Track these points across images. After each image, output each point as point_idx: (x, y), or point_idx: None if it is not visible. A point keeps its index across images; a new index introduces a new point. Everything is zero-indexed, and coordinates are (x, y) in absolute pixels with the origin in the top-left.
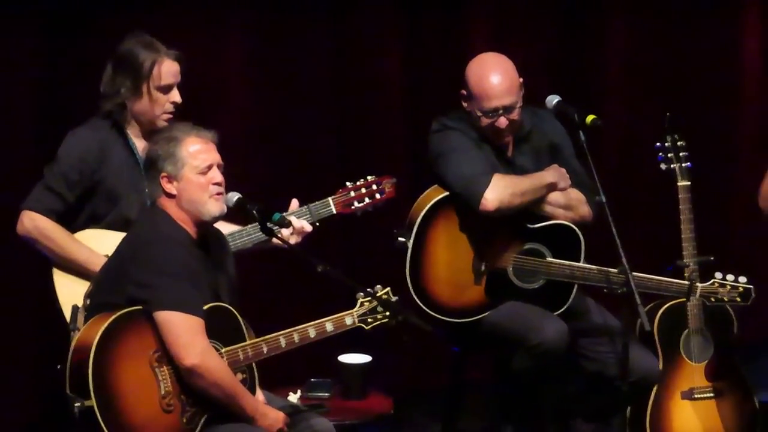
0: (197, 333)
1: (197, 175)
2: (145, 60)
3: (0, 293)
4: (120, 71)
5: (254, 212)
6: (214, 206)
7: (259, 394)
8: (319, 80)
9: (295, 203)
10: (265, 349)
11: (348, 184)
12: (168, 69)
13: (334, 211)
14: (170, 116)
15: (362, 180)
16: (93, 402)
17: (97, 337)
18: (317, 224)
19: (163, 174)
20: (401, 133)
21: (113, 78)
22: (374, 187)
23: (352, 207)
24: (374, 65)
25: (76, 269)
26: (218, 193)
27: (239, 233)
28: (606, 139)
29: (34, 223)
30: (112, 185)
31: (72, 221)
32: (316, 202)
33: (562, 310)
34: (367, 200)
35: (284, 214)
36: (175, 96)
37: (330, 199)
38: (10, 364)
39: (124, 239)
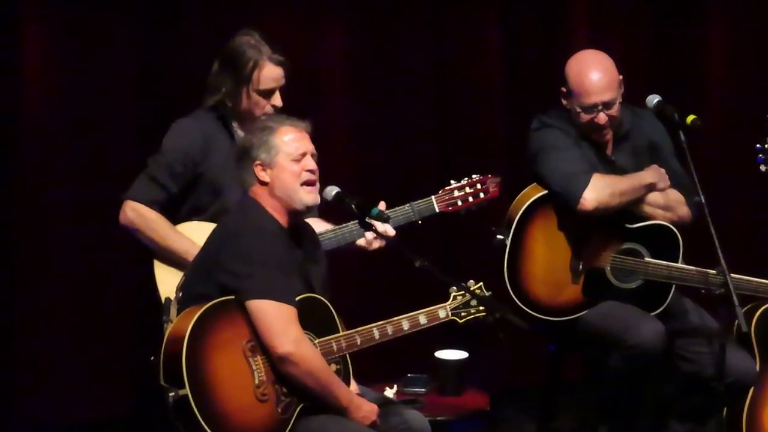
0: (290, 321)
1: (291, 162)
2: (248, 62)
3: (98, 286)
4: (224, 69)
5: (353, 206)
6: (306, 195)
7: (354, 386)
8: (418, 78)
9: (381, 206)
10: (358, 341)
11: (452, 182)
12: (268, 74)
13: (437, 210)
14: None
15: (467, 179)
16: (187, 391)
17: (190, 327)
18: (419, 222)
19: (257, 162)
20: (500, 130)
21: (218, 74)
22: (479, 186)
23: (456, 206)
24: (473, 63)
25: (176, 260)
26: (311, 182)
27: (339, 230)
28: (706, 140)
29: (137, 213)
30: (215, 177)
31: (175, 212)
32: (419, 201)
33: (660, 310)
34: (470, 199)
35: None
36: (276, 100)
37: (433, 197)
38: (108, 356)
39: (214, 230)
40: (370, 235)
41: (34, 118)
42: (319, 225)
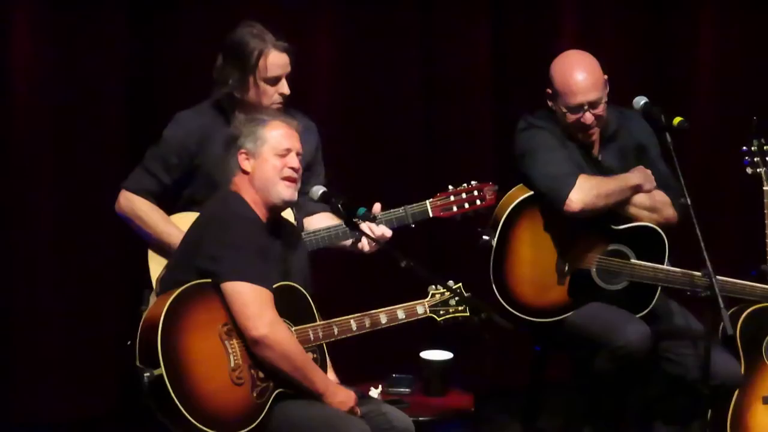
0: (266, 304)
1: (275, 156)
2: (253, 51)
3: (84, 284)
4: (229, 61)
5: (339, 206)
6: (284, 190)
7: (332, 377)
8: (405, 80)
9: (377, 207)
10: (335, 331)
11: (449, 188)
12: (274, 61)
13: (431, 215)
14: (279, 106)
15: (464, 185)
16: (162, 370)
17: (166, 307)
18: (413, 225)
19: (242, 150)
20: (487, 131)
21: (223, 67)
22: (475, 193)
23: (450, 212)
24: (461, 63)
25: (168, 250)
26: (291, 179)
27: (338, 228)
28: (692, 142)
29: (130, 203)
30: (211, 170)
31: (171, 204)
32: (414, 205)
33: (645, 312)
34: (466, 206)
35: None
36: (283, 87)
37: (427, 202)
38: (95, 352)
39: (194, 222)
40: (377, 230)
41: (23, 114)
42: (326, 220)
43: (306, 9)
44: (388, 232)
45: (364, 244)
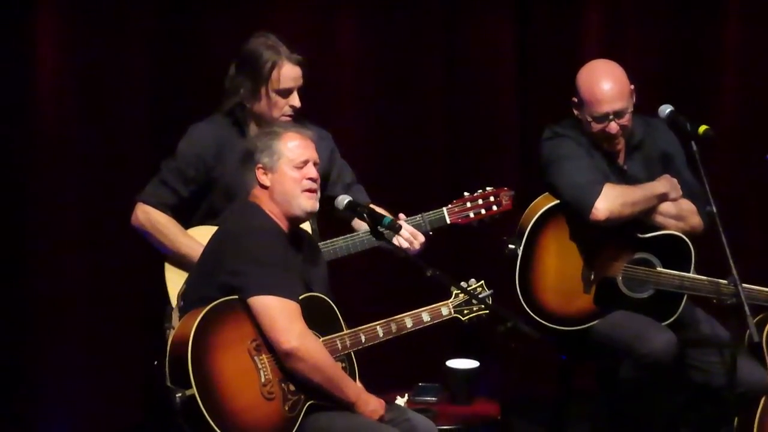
0: (294, 316)
1: (293, 168)
2: (266, 62)
3: (109, 296)
4: (241, 71)
5: (365, 215)
6: (306, 201)
7: (358, 384)
8: (430, 88)
9: (401, 218)
10: (363, 338)
11: (465, 194)
12: (287, 73)
13: (448, 221)
14: (289, 119)
15: (480, 191)
16: (194, 390)
17: (194, 327)
18: (430, 233)
19: (259, 165)
20: (513, 140)
21: (235, 77)
22: (491, 198)
23: (467, 218)
24: (487, 72)
25: (186, 263)
26: (311, 190)
27: (351, 236)
28: (718, 150)
29: (147, 216)
30: (229, 182)
31: (190, 216)
32: (431, 212)
33: (671, 320)
34: (483, 211)
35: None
36: (294, 100)
37: (444, 209)
38: (120, 363)
39: (215, 234)
40: (406, 234)
41: (47, 115)
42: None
43: (329, 8)
44: (421, 237)
45: (401, 243)
